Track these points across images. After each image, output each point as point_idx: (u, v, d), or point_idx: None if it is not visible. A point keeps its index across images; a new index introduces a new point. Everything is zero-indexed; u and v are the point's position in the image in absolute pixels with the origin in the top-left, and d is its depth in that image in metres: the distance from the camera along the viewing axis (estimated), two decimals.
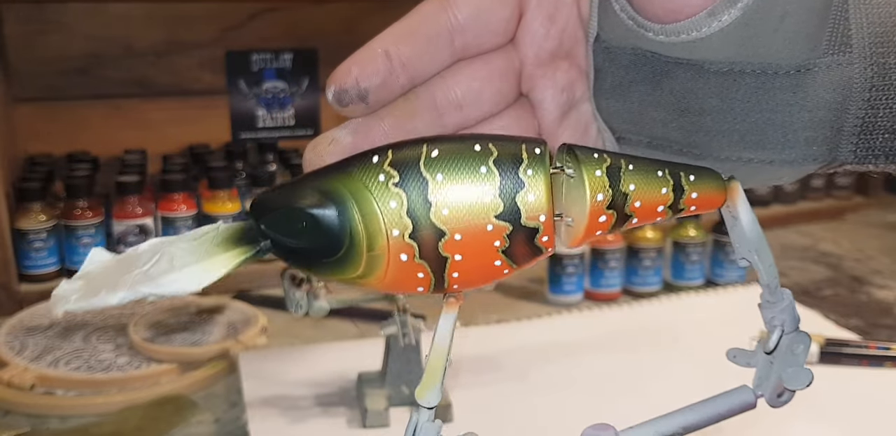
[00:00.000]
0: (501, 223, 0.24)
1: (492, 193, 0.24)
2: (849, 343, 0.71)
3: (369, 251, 0.24)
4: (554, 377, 0.67)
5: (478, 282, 0.26)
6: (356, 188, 0.24)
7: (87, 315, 0.79)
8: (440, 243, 0.24)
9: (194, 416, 0.64)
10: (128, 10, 1.06)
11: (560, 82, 0.31)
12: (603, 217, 0.26)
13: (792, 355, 0.28)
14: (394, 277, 0.25)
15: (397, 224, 0.24)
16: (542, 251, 0.25)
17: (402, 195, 0.24)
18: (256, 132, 1.14)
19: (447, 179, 0.24)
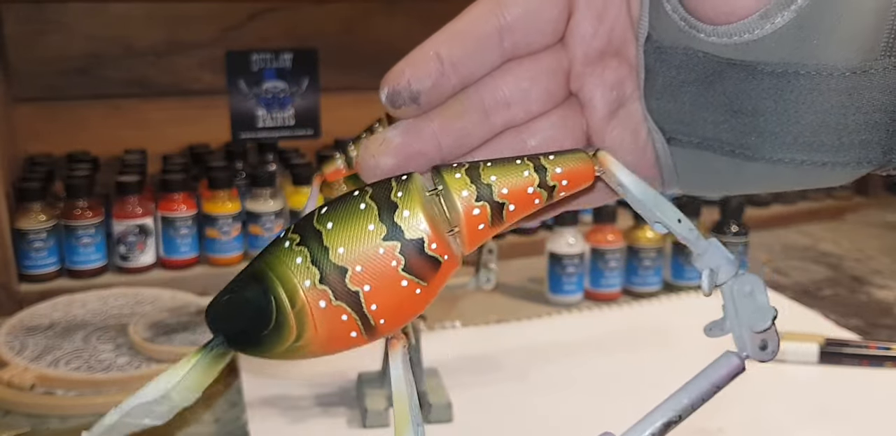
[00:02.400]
0: (389, 243, 0.26)
1: (373, 222, 0.27)
2: (849, 343, 0.71)
3: (293, 307, 0.26)
4: (554, 377, 0.67)
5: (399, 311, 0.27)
6: (270, 260, 0.27)
7: (88, 315, 0.80)
8: (346, 279, 0.26)
9: (194, 416, 0.64)
10: (128, 10, 1.06)
11: (609, 81, 0.31)
12: (476, 210, 0.27)
13: (748, 298, 0.29)
14: (325, 329, 0.27)
15: (307, 275, 0.26)
16: (439, 260, 0.27)
17: (304, 251, 0.27)
18: (256, 132, 1.14)
19: (335, 225, 0.27)
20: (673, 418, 0.29)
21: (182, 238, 0.90)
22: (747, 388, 0.66)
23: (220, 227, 0.91)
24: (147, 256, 0.90)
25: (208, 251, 0.92)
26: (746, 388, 0.65)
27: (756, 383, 0.67)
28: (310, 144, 1.16)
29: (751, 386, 0.67)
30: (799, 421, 0.61)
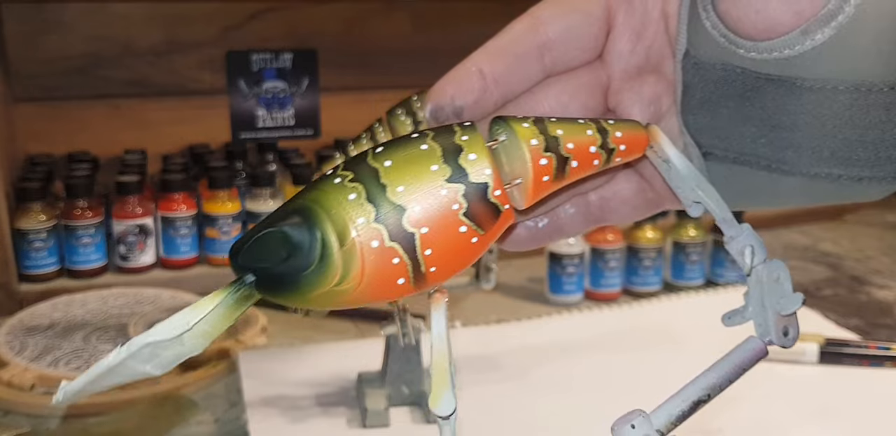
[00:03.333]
0: (453, 185, 0.25)
1: (437, 163, 0.26)
2: (849, 343, 0.71)
3: (342, 246, 0.25)
4: (554, 377, 0.67)
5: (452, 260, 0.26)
6: (315, 195, 0.25)
7: (88, 315, 0.80)
8: (403, 219, 0.25)
9: (194, 415, 0.64)
10: (128, 10, 1.06)
11: (646, 96, 0.31)
12: (543, 160, 0.27)
13: (776, 285, 0.30)
14: (372, 271, 0.25)
15: (360, 212, 0.25)
16: (500, 209, 0.26)
17: (359, 187, 0.25)
18: (256, 132, 1.14)
19: (395, 163, 0.26)
20: (703, 397, 0.29)
21: (182, 238, 0.90)
22: (747, 388, 0.66)
23: (220, 227, 0.91)
24: (147, 256, 0.90)
25: (208, 251, 0.92)
26: (746, 388, 0.66)
27: (756, 383, 0.67)
28: (309, 144, 1.16)
29: (751, 386, 0.67)
30: (799, 421, 0.61)
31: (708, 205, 0.30)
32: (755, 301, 0.31)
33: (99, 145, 1.07)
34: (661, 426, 0.28)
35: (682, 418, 0.29)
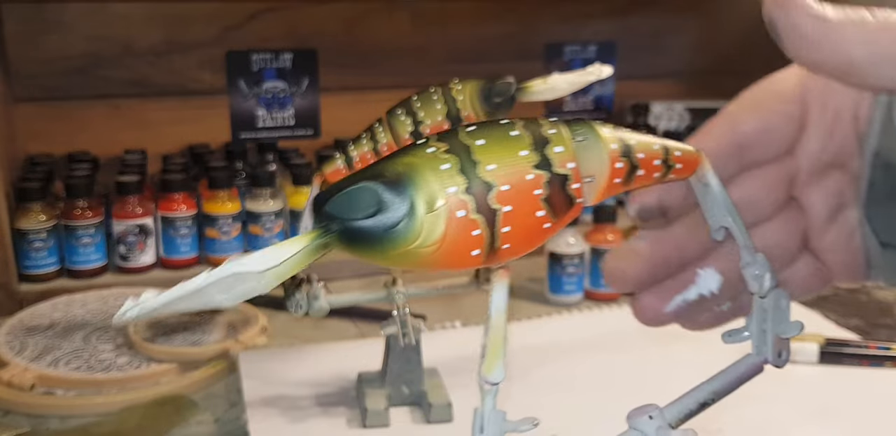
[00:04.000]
0: (539, 172, 0.28)
1: (527, 149, 0.28)
2: (849, 343, 0.71)
3: (429, 211, 0.26)
4: (554, 377, 0.67)
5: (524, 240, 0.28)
6: (410, 160, 0.27)
7: (88, 315, 0.80)
8: (490, 195, 0.27)
9: (194, 415, 0.64)
10: (128, 10, 1.06)
11: (830, 189, 0.33)
12: (619, 163, 0.30)
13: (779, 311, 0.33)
14: (452, 239, 0.26)
15: (452, 182, 0.26)
16: (574, 201, 0.28)
17: (453, 159, 0.27)
18: (256, 132, 1.14)
19: (486, 142, 0.28)
20: (707, 400, 0.33)
21: (182, 238, 0.90)
22: (746, 388, 0.66)
23: (220, 227, 0.91)
24: (147, 255, 0.90)
25: (208, 251, 0.92)
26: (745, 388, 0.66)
27: (755, 383, 0.67)
28: (310, 144, 1.16)
29: (750, 386, 0.67)
30: (799, 421, 0.61)
31: (734, 230, 0.32)
32: (756, 323, 0.33)
33: (99, 145, 1.07)
34: (672, 420, 0.32)
35: (690, 415, 0.32)
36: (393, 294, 0.61)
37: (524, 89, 0.57)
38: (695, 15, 1.35)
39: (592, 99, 1.31)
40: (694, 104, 1.33)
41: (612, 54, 1.30)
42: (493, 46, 1.23)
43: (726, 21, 1.38)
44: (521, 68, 1.26)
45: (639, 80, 1.33)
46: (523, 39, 1.24)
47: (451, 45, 1.21)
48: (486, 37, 1.22)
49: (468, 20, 1.21)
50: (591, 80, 0.57)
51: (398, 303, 0.60)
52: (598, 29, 1.29)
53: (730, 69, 1.39)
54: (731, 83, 1.59)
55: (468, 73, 0.86)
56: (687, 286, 0.34)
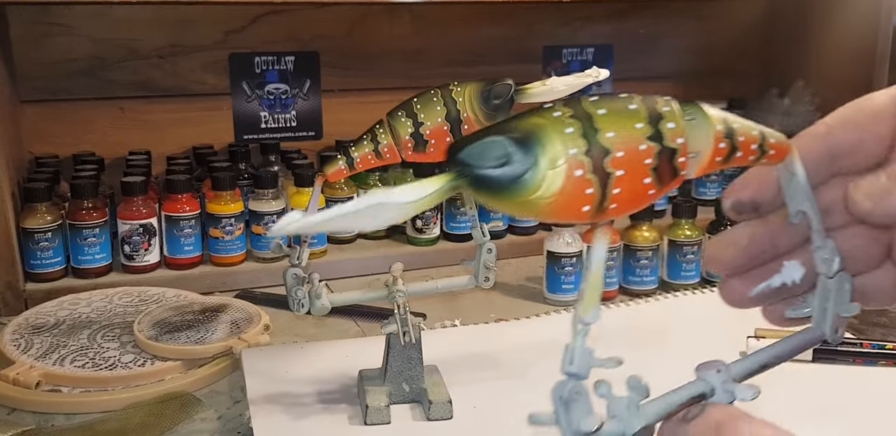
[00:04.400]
0: (651, 143, 0.31)
1: (642, 122, 0.31)
2: (843, 341, 0.72)
3: (551, 168, 0.30)
4: (552, 375, 0.67)
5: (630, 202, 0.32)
6: (539, 122, 0.30)
7: (93, 314, 0.80)
8: (606, 160, 0.30)
9: (198, 412, 0.65)
10: (132, 13, 1.07)
11: None
12: (722, 144, 0.33)
13: (842, 293, 0.36)
14: (568, 194, 0.30)
15: (574, 144, 0.30)
16: (678, 172, 0.32)
17: (576, 124, 0.30)
18: (259, 133, 1.15)
19: (607, 112, 0.31)
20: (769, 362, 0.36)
21: (186, 238, 0.91)
22: None
23: (224, 227, 0.92)
24: (151, 255, 0.91)
25: (212, 251, 0.93)
26: None
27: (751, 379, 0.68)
28: (311, 145, 1.17)
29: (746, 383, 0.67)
30: (792, 418, 0.62)
31: (811, 215, 0.36)
32: (819, 301, 0.37)
33: (104, 146, 1.08)
34: (736, 376, 0.35)
35: (752, 374, 0.36)
36: (393, 293, 0.61)
37: (523, 91, 0.58)
38: (691, 18, 1.36)
39: None
40: None
41: (609, 57, 1.31)
42: (492, 49, 1.24)
43: (722, 24, 1.39)
44: (520, 70, 1.28)
45: (636, 82, 1.34)
46: (522, 42, 1.25)
47: (450, 48, 1.21)
48: (485, 39, 1.23)
49: (467, 23, 1.22)
50: (588, 82, 0.58)
51: (398, 302, 0.61)
52: (595, 32, 1.30)
53: (725, 71, 1.40)
54: (726, 85, 1.61)
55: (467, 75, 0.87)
56: (772, 275, 0.37)
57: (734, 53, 1.40)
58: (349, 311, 0.83)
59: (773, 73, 1.38)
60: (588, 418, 0.33)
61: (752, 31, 1.41)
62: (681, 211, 0.90)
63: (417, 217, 1.00)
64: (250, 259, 0.94)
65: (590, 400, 0.34)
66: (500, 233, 1.03)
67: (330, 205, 0.99)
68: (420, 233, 1.00)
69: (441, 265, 0.99)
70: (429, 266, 0.99)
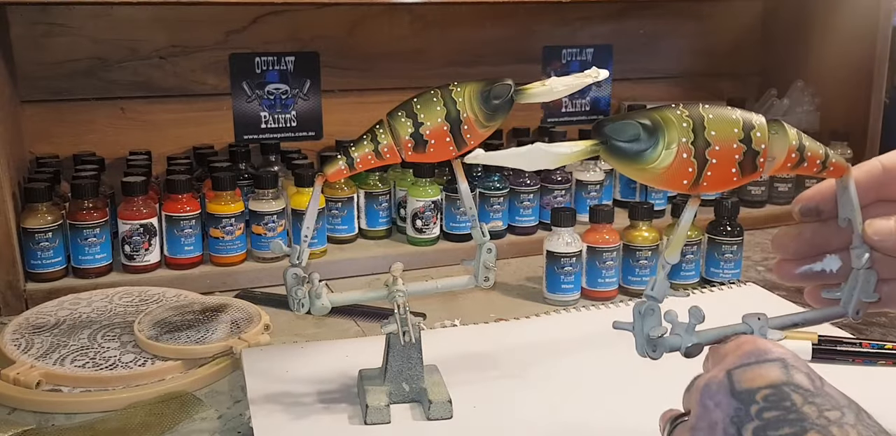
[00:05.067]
0: (741, 145, 0.44)
1: (738, 127, 0.44)
2: (842, 341, 0.72)
3: (667, 148, 0.43)
4: (552, 375, 0.68)
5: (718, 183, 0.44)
6: (665, 116, 0.43)
7: (93, 313, 0.81)
8: (707, 150, 0.43)
9: (198, 412, 0.65)
10: (133, 14, 1.07)
11: None
12: (794, 154, 0.46)
13: (868, 284, 0.49)
14: (675, 168, 0.43)
15: (686, 135, 0.43)
16: (758, 170, 0.45)
17: (690, 121, 0.43)
18: (259, 133, 1.15)
19: (714, 117, 0.44)
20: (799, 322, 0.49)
21: (186, 238, 0.91)
22: None
23: (224, 226, 0.92)
24: (152, 255, 0.91)
25: (212, 251, 0.93)
26: None
27: None
28: (311, 145, 1.17)
29: None
30: None
31: (855, 222, 0.48)
32: (848, 288, 0.50)
33: (104, 146, 1.08)
34: (771, 325, 0.47)
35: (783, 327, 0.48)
36: (393, 293, 0.61)
37: (522, 91, 0.58)
38: (690, 18, 1.36)
39: (589, 101, 1.32)
40: None
41: (608, 57, 1.31)
42: (492, 49, 1.24)
43: (721, 24, 1.39)
44: (520, 71, 1.28)
45: (635, 83, 1.34)
46: (521, 42, 1.25)
47: (450, 48, 1.22)
48: (484, 40, 1.23)
49: (467, 23, 1.22)
50: (588, 82, 0.58)
51: (398, 302, 0.61)
52: (594, 32, 1.30)
53: (725, 71, 1.40)
54: (725, 85, 1.61)
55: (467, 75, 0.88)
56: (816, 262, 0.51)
57: (733, 54, 1.40)
58: (349, 311, 0.83)
59: (773, 74, 1.39)
60: (657, 328, 0.46)
61: (751, 31, 1.41)
62: (680, 211, 0.90)
63: (418, 217, 1.00)
64: (250, 259, 0.95)
65: (660, 317, 0.47)
66: (500, 233, 1.04)
67: (330, 205, 0.99)
68: (420, 233, 1.00)
69: (441, 265, 0.99)
70: (429, 266, 0.99)
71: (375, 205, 1.02)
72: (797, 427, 0.37)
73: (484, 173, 1.03)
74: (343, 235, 1.01)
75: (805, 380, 0.40)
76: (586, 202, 1.07)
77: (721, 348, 0.45)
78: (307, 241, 0.60)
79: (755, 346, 0.42)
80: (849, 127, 1.23)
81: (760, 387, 0.39)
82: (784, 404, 0.38)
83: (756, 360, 0.41)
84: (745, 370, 0.40)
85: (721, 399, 0.40)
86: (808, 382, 0.40)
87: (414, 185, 1.00)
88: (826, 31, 1.29)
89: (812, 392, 0.39)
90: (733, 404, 0.39)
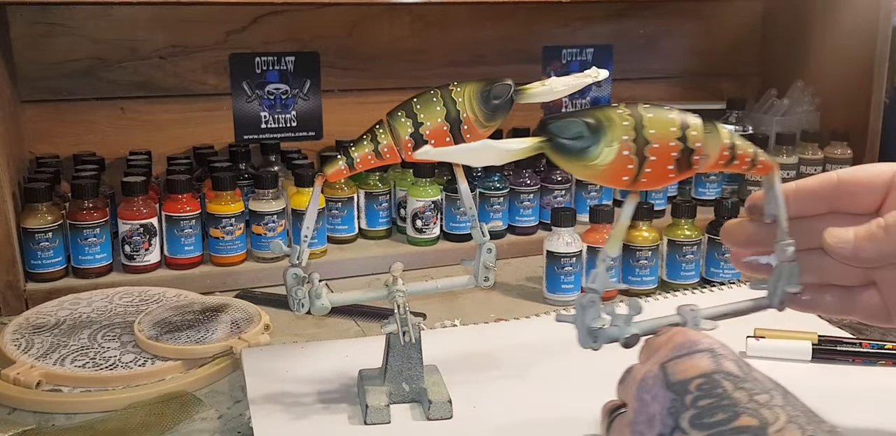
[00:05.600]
0: (678, 143, 0.45)
1: (675, 127, 0.46)
2: (842, 341, 0.72)
3: (609, 146, 0.44)
4: (552, 374, 0.68)
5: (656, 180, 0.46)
6: (608, 115, 0.45)
7: (93, 313, 0.81)
8: (646, 148, 0.45)
9: (198, 412, 0.65)
10: (133, 14, 1.07)
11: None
12: (726, 152, 0.48)
13: (792, 276, 0.52)
14: (616, 165, 0.45)
15: (626, 132, 0.45)
16: (692, 166, 0.46)
17: (631, 119, 0.45)
18: (259, 133, 1.15)
19: (654, 116, 0.45)
20: (727, 313, 0.51)
21: (186, 238, 0.91)
22: None
23: (224, 226, 0.92)
24: (152, 255, 0.91)
25: (212, 251, 0.93)
26: None
27: None
28: (312, 145, 1.17)
29: None
30: None
31: (780, 218, 0.51)
32: (773, 280, 0.52)
33: (105, 146, 1.08)
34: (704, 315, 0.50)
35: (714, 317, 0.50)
36: (393, 293, 0.61)
37: (522, 91, 0.58)
38: (690, 18, 1.36)
39: (589, 101, 1.32)
40: (688, 106, 1.33)
41: (608, 57, 1.31)
42: (492, 49, 1.24)
43: (721, 24, 1.39)
44: (520, 71, 1.28)
45: (635, 83, 1.34)
46: (521, 42, 1.25)
47: (450, 48, 1.22)
48: (484, 40, 1.23)
49: (467, 23, 1.22)
50: (588, 82, 0.58)
51: (398, 302, 0.61)
52: (594, 32, 1.30)
53: (724, 71, 1.40)
54: (725, 85, 1.61)
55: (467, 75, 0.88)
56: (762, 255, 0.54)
57: (733, 54, 1.40)
58: (349, 311, 0.83)
59: (773, 74, 1.39)
60: (597, 320, 0.49)
61: (751, 31, 1.41)
62: (680, 211, 0.90)
63: (418, 217, 1.00)
64: (250, 259, 0.95)
65: (600, 309, 0.49)
66: (500, 233, 1.04)
67: (330, 205, 0.99)
68: (420, 233, 1.01)
69: (441, 265, 0.99)
70: (429, 266, 0.99)
71: (375, 205, 1.02)
72: (730, 412, 0.39)
73: (484, 173, 1.03)
74: (343, 235, 1.01)
75: (734, 367, 0.42)
76: (586, 202, 1.07)
77: (654, 341, 0.47)
78: (307, 241, 0.60)
79: (685, 338, 0.44)
80: (849, 127, 1.23)
81: (693, 377, 0.41)
82: (716, 392, 0.40)
83: (687, 351, 0.43)
84: (677, 362, 0.42)
85: (657, 392, 0.41)
86: (736, 368, 0.42)
87: (414, 185, 1.00)
88: (826, 31, 1.29)
89: (741, 378, 0.41)
90: (669, 396, 0.41)
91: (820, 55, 1.30)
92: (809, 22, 1.32)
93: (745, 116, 1.26)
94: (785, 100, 1.30)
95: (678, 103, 1.33)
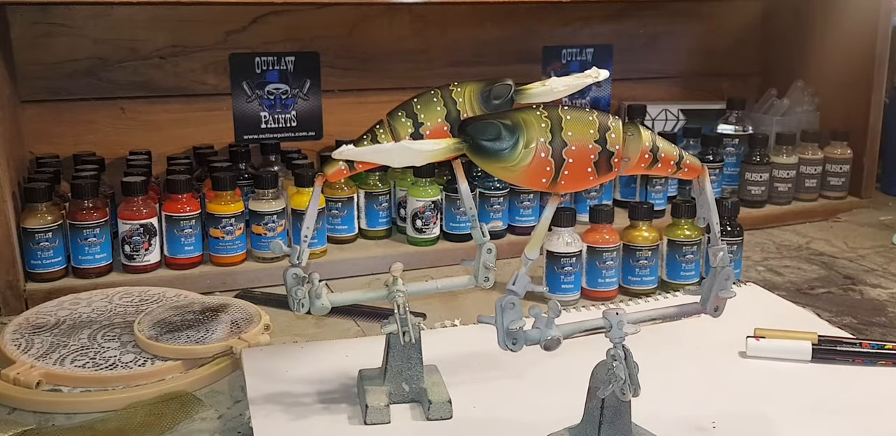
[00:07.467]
0: (596, 145, 0.46)
1: (594, 129, 0.46)
2: (842, 341, 0.72)
3: (526, 148, 0.45)
4: (551, 374, 0.68)
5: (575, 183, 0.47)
6: (525, 117, 0.45)
7: (93, 313, 0.81)
8: (563, 150, 0.46)
9: (198, 412, 0.65)
10: (133, 14, 1.07)
11: None
12: (647, 155, 0.48)
13: (725, 281, 0.54)
14: (534, 167, 0.45)
15: (544, 134, 0.45)
16: (612, 168, 0.47)
17: (548, 121, 0.46)
18: (259, 133, 1.15)
19: (573, 118, 0.46)
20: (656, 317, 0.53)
21: (186, 238, 0.91)
22: (742, 384, 0.67)
23: (224, 226, 0.92)
24: (152, 255, 0.91)
25: (212, 251, 0.93)
26: (741, 384, 0.67)
27: (750, 379, 0.68)
28: (311, 145, 1.17)
29: (745, 382, 0.68)
30: (791, 417, 0.62)
31: (712, 223, 0.52)
32: (707, 286, 0.54)
33: (105, 146, 1.08)
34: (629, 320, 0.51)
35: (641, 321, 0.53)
36: (393, 293, 0.61)
37: (522, 91, 0.58)
38: (690, 18, 1.36)
39: (589, 101, 1.32)
40: (688, 106, 1.34)
41: (608, 57, 1.31)
42: (492, 49, 1.24)
43: (721, 24, 1.39)
44: (520, 71, 1.28)
45: (635, 83, 1.34)
46: (522, 42, 1.25)
47: (450, 48, 1.22)
48: (484, 40, 1.23)
49: (468, 23, 1.22)
50: (588, 82, 0.58)
51: (398, 302, 0.61)
52: (594, 32, 1.30)
53: (724, 71, 1.40)
54: (725, 85, 1.61)
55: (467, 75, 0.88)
56: None
57: (733, 54, 1.40)
58: (349, 311, 0.83)
59: (773, 74, 1.39)
60: (516, 321, 0.50)
61: (751, 31, 1.41)
62: (680, 211, 0.90)
63: (418, 217, 1.00)
64: (250, 259, 0.95)
65: (521, 311, 0.49)
66: (500, 233, 1.04)
67: (330, 205, 0.99)
68: (420, 233, 1.01)
69: (441, 265, 0.99)
70: (429, 266, 0.99)
71: (375, 205, 1.02)
72: None
73: (484, 173, 1.03)
74: (343, 235, 1.01)
75: None
76: (586, 202, 1.07)
77: None
78: (307, 241, 0.60)
79: None
80: (849, 127, 1.23)
81: None
82: None
83: None
84: None
85: None
86: None
87: (414, 185, 1.00)
88: (826, 31, 1.29)
89: None
90: None
91: (820, 55, 1.30)
92: (809, 22, 1.32)
93: (745, 115, 1.26)
94: (785, 100, 1.30)
95: (678, 103, 1.33)
